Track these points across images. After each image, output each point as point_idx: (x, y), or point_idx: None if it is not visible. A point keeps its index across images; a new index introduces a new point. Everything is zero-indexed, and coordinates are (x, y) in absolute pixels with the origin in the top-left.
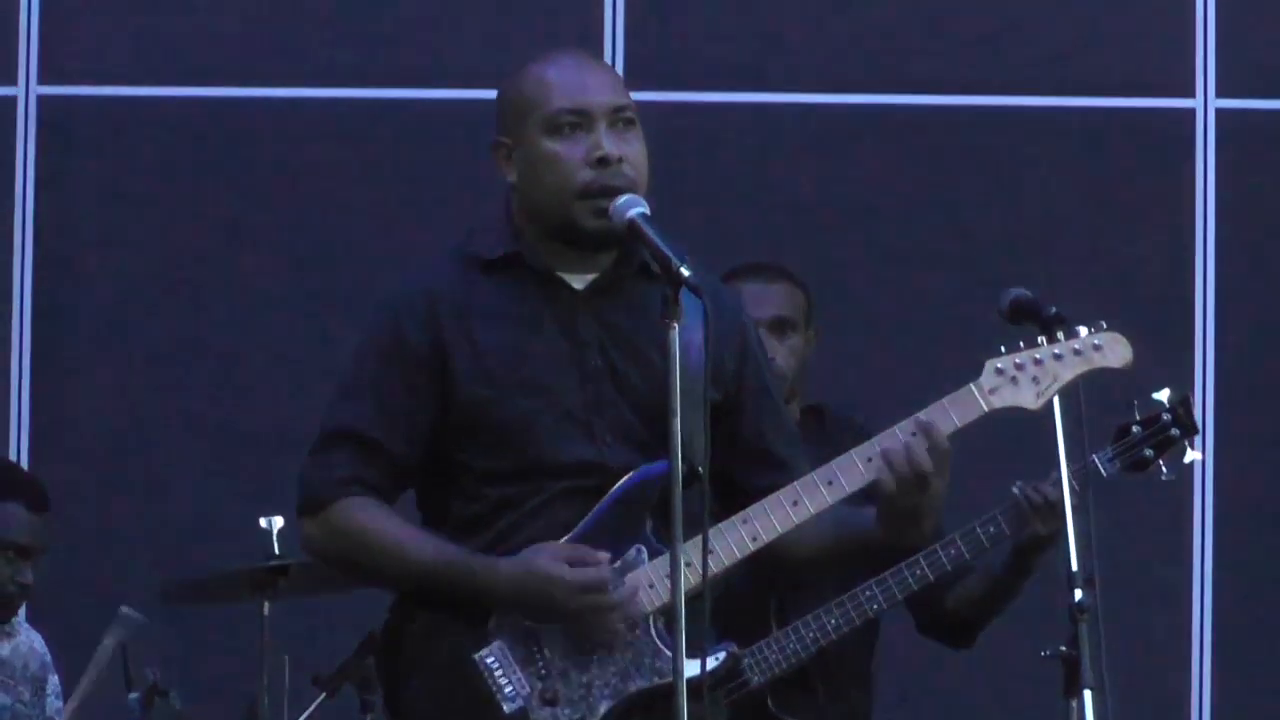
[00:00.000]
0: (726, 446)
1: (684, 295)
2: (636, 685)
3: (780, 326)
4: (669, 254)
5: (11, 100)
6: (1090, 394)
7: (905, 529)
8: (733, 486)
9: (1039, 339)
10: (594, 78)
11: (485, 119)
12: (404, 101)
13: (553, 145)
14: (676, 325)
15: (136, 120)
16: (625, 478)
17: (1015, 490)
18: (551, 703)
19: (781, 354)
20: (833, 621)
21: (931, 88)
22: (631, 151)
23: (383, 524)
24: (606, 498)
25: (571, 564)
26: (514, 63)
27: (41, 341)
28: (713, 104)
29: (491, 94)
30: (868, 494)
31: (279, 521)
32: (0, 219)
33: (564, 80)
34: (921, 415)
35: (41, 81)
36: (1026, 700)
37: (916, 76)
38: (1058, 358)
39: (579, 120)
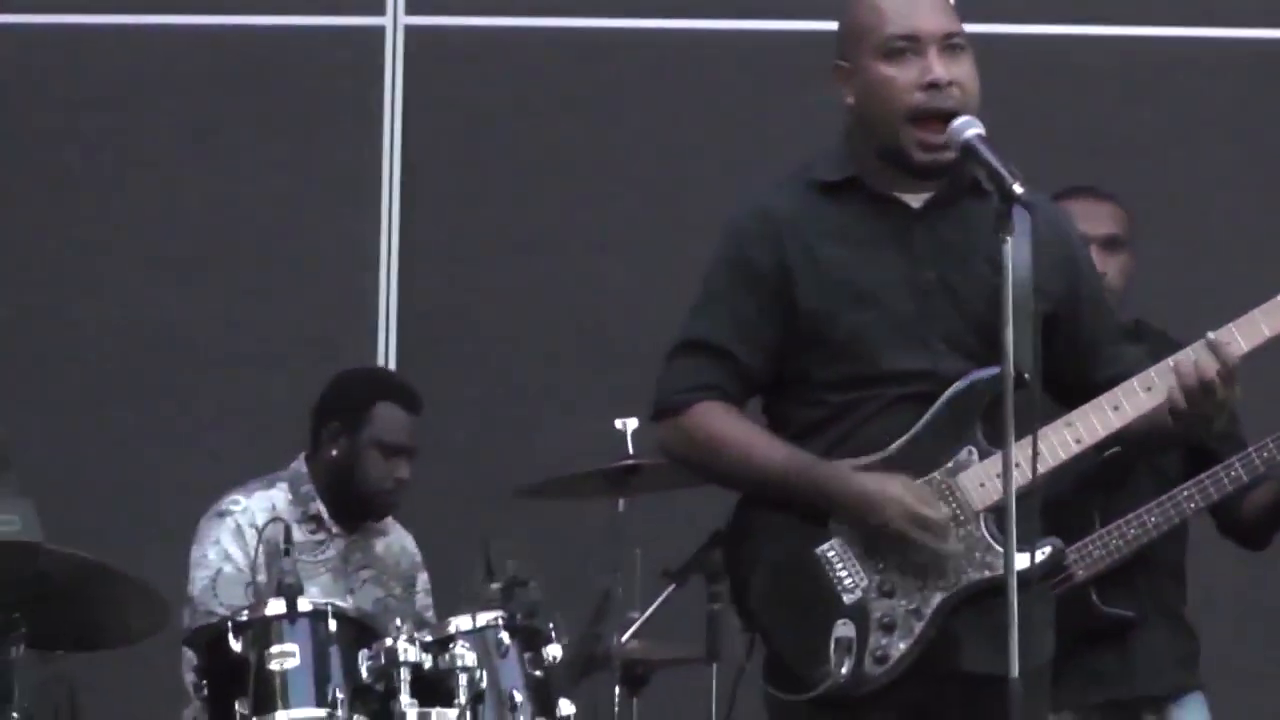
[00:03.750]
0: (1067, 352)
1: (1016, 212)
2: (968, 578)
3: (1112, 243)
4: (1004, 172)
5: (379, 30)
6: None
7: (1192, 427)
8: (1075, 386)
9: None
10: (925, 4)
11: (818, 50)
12: (732, 33)
13: (886, 69)
14: (1009, 239)
15: (498, 50)
16: (955, 384)
17: None
18: (889, 594)
19: (1112, 270)
20: (1153, 519)
21: (1222, 21)
22: (962, 74)
23: (734, 428)
24: (938, 402)
25: (920, 499)
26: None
27: (407, 260)
28: (1027, 36)
29: (812, 25)
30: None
31: (633, 423)
32: (369, 147)
33: (897, 7)
34: (1211, 334)
35: (409, 12)
36: None
37: (1222, 11)
38: None
39: (910, 45)
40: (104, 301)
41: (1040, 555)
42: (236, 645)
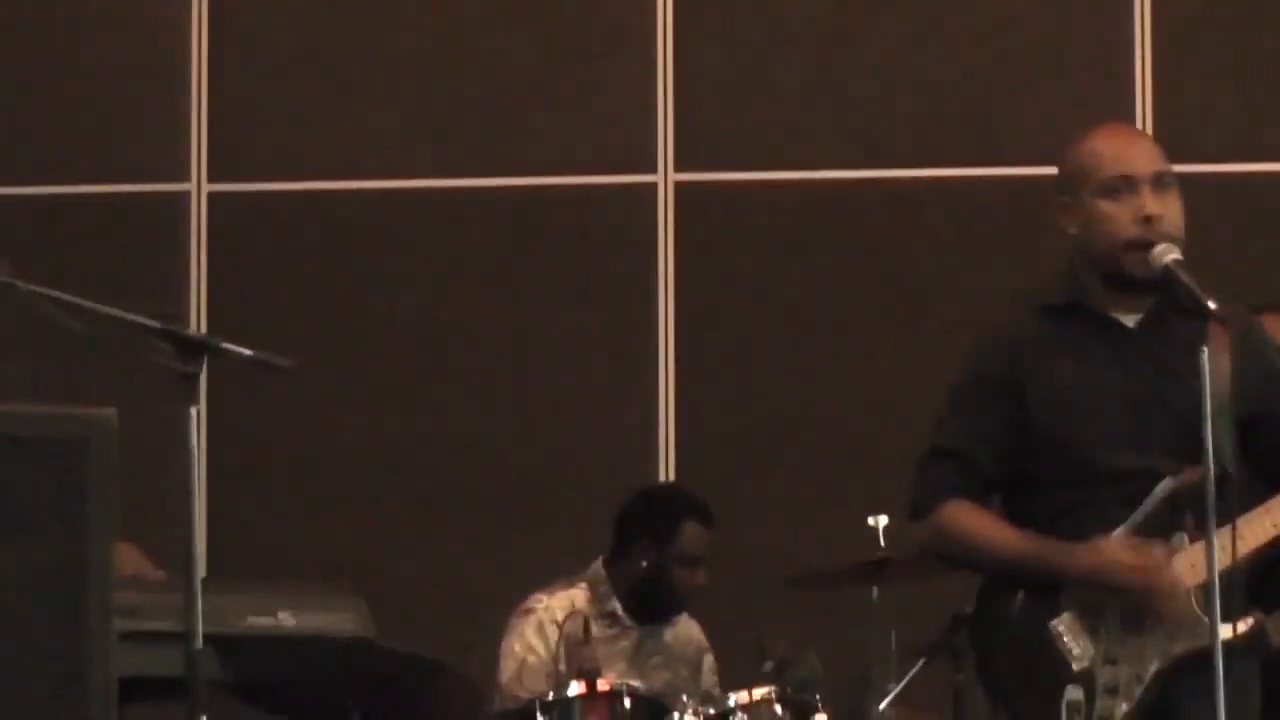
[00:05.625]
0: (1273, 442)
1: (1211, 326)
2: (1181, 647)
3: None
4: (1197, 291)
5: (653, 186)
6: None
7: None
8: None
9: None
10: (1138, 149)
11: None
12: (970, 179)
13: (1106, 205)
14: (1206, 350)
15: (760, 200)
16: (1164, 480)
17: None
18: (1112, 662)
19: None
20: None
21: None
22: (1171, 210)
23: (977, 524)
24: (1151, 496)
25: (1132, 550)
26: (1059, 138)
27: (683, 385)
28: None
29: (1033, 170)
30: None
31: (884, 520)
32: (648, 287)
33: (1114, 151)
34: None
35: (678, 170)
36: None
37: None
38: None
39: (1126, 184)
40: (424, 423)
41: (1242, 626)
42: None
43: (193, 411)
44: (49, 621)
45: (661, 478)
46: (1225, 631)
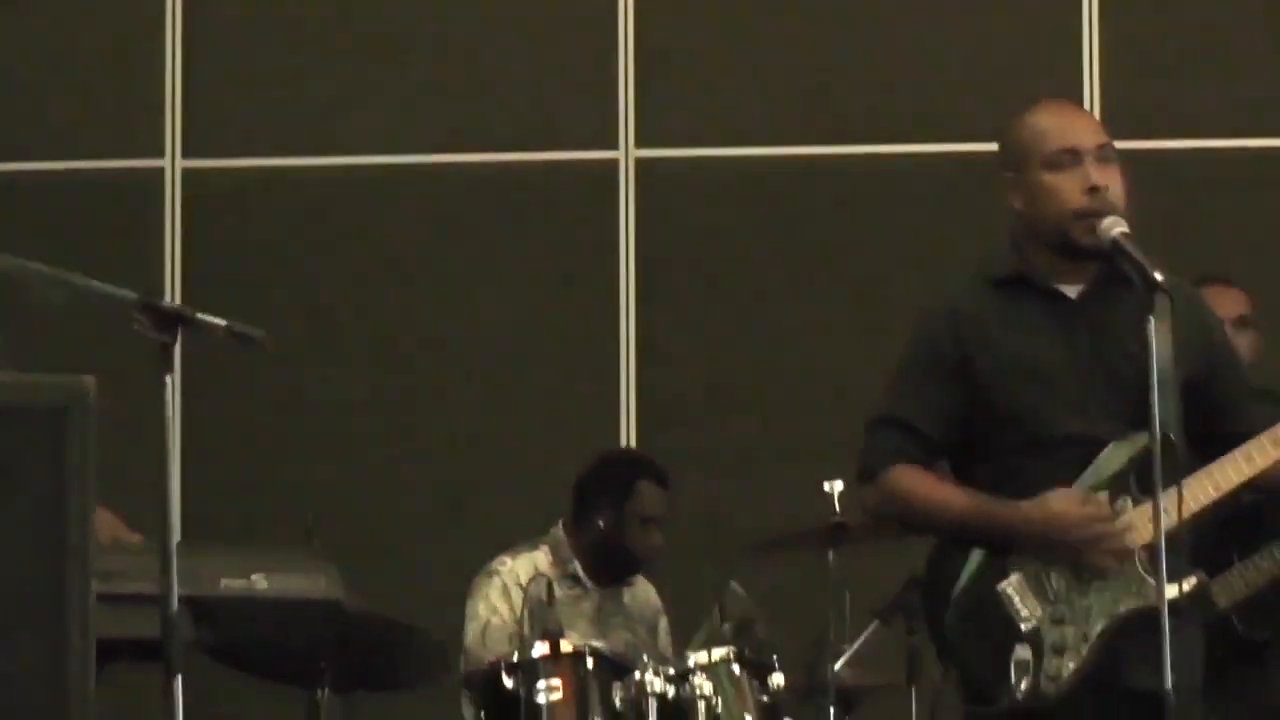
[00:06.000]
0: (1207, 410)
1: (1157, 297)
2: (1125, 607)
3: (1241, 323)
4: (1144, 263)
5: (614, 162)
6: None
7: None
8: (1215, 438)
9: None
10: (1081, 122)
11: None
12: (916, 155)
13: (1052, 178)
14: (1152, 321)
15: (719, 174)
16: (1110, 445)
17: None
18: (1059, 622)
19: (1243, 345)
20: None
21: None
22: (1114, 182)
23: (923, 485)
24: (1096, 460)
25: (1079, 500)
26: (1002, 115)
27: (643, 355)
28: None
29: (987, 146)
30: None
31: (839, 485)
32: (610, 260)
33: (1058, 125)
34: None
35: (638, 146)
36: None
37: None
38: None
39: (1071, 157)
40: (392, 392)
41: (1186, 585)
42: (509, 683)
43: (169, 380)
44: (29, 587)
45: (623, 444)
46: (1170, 591)
